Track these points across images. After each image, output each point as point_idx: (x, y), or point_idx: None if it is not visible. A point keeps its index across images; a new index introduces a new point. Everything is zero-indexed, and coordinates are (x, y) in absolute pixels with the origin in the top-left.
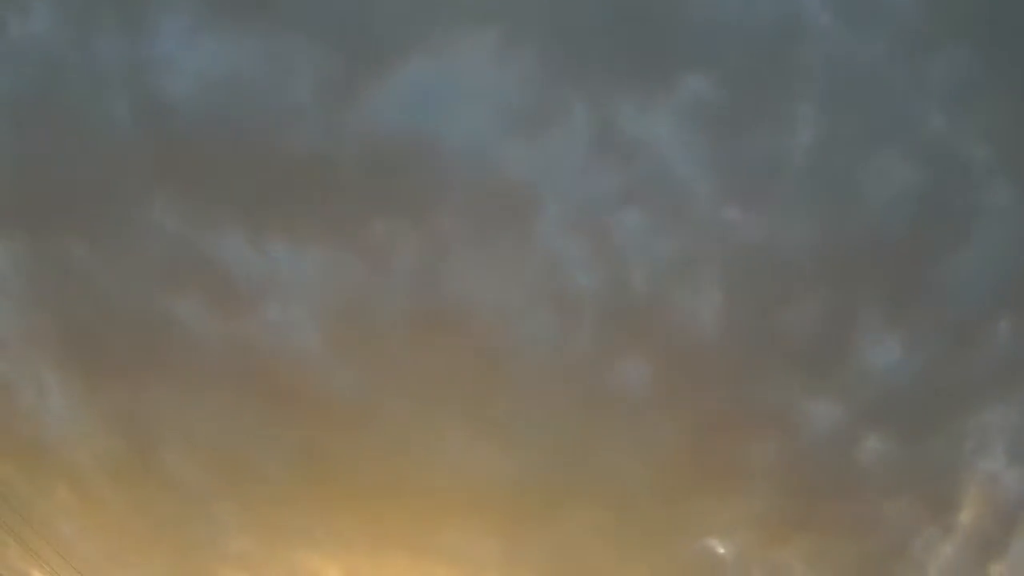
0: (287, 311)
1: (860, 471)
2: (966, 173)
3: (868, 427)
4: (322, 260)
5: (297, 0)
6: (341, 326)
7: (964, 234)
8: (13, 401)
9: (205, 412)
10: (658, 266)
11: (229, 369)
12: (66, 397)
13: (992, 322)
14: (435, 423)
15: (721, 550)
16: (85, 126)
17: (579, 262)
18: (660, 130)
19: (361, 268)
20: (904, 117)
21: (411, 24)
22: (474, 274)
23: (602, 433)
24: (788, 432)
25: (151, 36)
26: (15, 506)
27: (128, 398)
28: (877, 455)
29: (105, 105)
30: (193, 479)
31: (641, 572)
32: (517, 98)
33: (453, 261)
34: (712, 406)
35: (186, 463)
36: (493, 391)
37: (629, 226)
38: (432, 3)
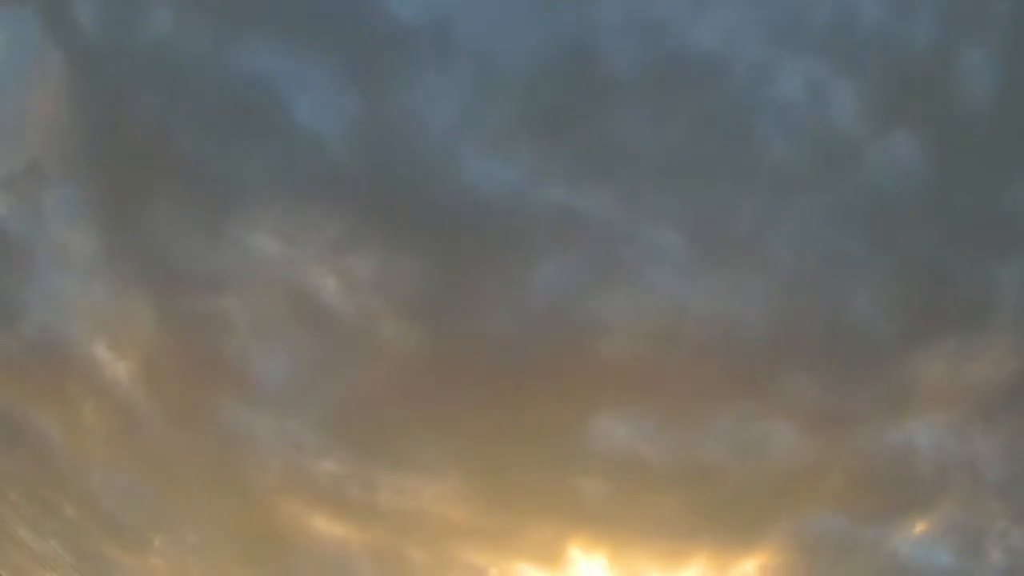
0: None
1: None
2: None
3: None
4: None
5: None
6: (517, 97)
7: None
8: (17, 274)
9: (284, 263)
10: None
11: (341, 180)
12: (94, 263)
13: None
14: (637, 235)
15: (921, 437)
16: None
17: None
18: None
19: None
20: None
21: None
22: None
23: (854, 252)
24: None
25: None
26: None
27: (184, 249)
28: None
29: None
30: (267, 377)
31: (833, 471)
32: None
33: None
34: (975, 203)
35: (256, 352)
36: (731, 189)
37: None
38: None
